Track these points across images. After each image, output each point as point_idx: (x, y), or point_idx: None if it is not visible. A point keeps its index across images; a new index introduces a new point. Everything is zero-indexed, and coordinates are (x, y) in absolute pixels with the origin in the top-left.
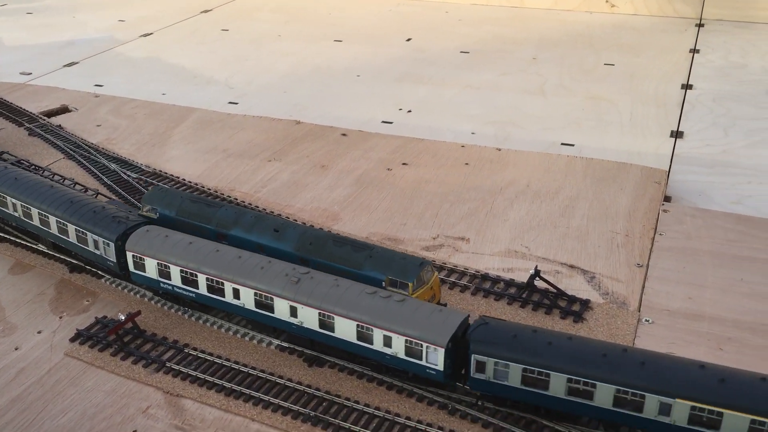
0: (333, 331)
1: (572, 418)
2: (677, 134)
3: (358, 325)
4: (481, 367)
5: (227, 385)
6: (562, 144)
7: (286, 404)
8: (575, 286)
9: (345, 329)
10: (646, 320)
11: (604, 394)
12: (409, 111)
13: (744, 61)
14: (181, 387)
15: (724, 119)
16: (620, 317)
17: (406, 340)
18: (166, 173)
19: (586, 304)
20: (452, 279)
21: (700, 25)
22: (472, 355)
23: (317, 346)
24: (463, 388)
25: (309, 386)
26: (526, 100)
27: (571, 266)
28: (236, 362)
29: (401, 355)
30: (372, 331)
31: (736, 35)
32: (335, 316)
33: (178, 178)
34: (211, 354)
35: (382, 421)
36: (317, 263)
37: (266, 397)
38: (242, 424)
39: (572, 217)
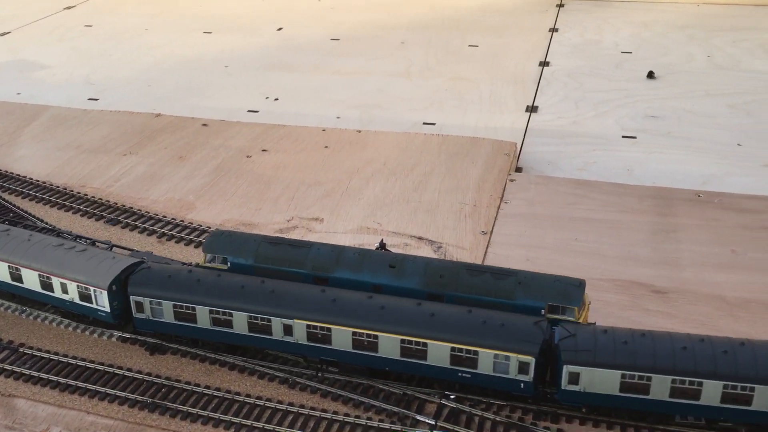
0: (22, 283)
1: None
2: (532, 109)
3: (40, 275)
4: (139, 307)
5: (62, 380)
6: (424, 123)
7: (123, 394)
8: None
9: (30, 280)
10: None
11: (240, 322)
12: (276, 99)
13: (598, 38)
14: (14, 387)
15: (576, 93)
16: None
17: (78, 286)
18: (13, 173)
19: None
20: None
21: (560, 6)
22: (131, 297)
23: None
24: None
25: (149, 374)
26: (393, 83)
27: (420, 238)
28: (74, 357)
29: (77, 300)
30: (51, 279)
31: (593, 14)
32: (22, 268)
33: (26, 177)
34: (48, 351)
35: (221, 401)
36: (454, 298)
37: (102, 389)
38: (76, 418)
39: (425, 191)
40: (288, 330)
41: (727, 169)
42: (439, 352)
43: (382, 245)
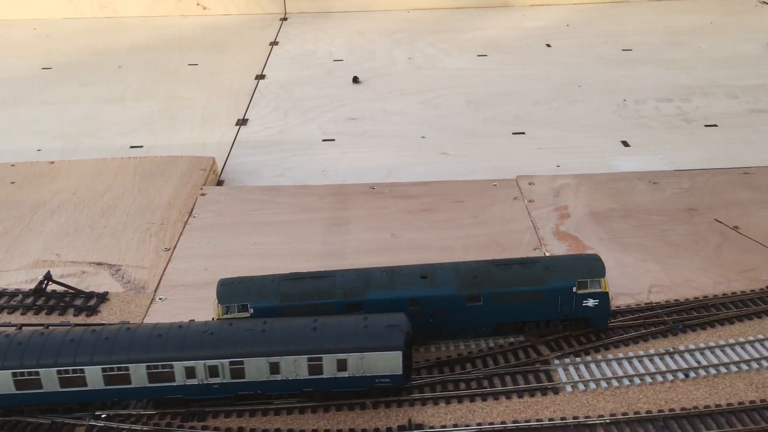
0: None
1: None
2: (242, 122)
3: None
4: None
5: None
6: (131, 147)
7: None
8: (99, 282)
9: None
10: (160, 298)
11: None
12: None
13: (315, 48)
14: None
15: (287, 103)
16: (135, 302)
17: None
18: None
19: (103, 297)
20: None
21: (284, 19)
22: None
23: None
24: None
25: None
26: (104, 109)
27: (99, 264)
28: None
29: None
30: None
31: (313, 25)
32: None
33: None
34: None
35: None
36: (492, 294)
37: None
38: None
39: (112, 216)
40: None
41: (410, 159)
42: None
43: (47, 278)
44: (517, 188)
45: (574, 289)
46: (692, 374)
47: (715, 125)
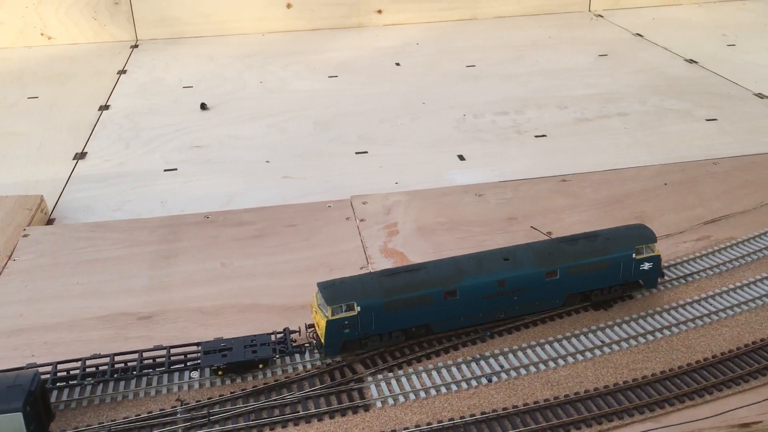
0: None
1: None
2: (80, 156)
3: None
4: None
5: None
6: None
7: None
8: None
9: None
10: None
11: None
12: None
13: (164, 75)
14: None
15: (130, 133)
16: None
17: None
18: None
19: None
20: None
21: (134, 47)
22: None
23: None
24: None
25: None
26: None
27: None
28: None
29: None
30: None
31: (165, 52)
32: None
33: None
34: None
35: None
36: (567, 268)
37: None
38: None
39: None
40: None
41: (252, 185)
42: None
43: None
44: (350, 208)
45: (633, 255)
46: (494, 378)
47: (544, 135)
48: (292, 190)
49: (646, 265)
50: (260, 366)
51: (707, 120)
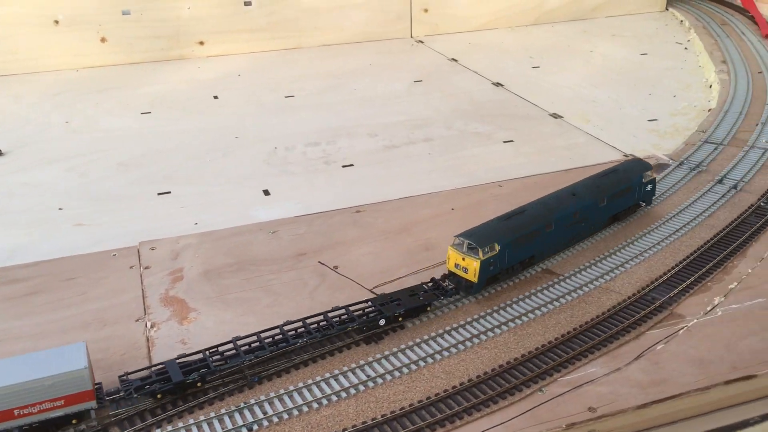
0: None
1: None
2: None
3: None
4: None
5: None
6: None
7: None
8: None
9: None
10: None
11: None
12: None
13: None
14: None
15: None
16: None
17: None
18: None
19: None
20: None
21: None
22: None
23: None
24: None
25: None
26: None
27: None
28: None
29: None
30: None
31: None
32: None
33: None
34: None
35: None
36: (610, 196)
37: None
38: None
39: None
40: None
41: (38, 237)
42: None
43: None
44: (137, 255)
45: (642, 179)
46: (255, 426)
47: (352, 165)
48: (82, 239)
49: (649, 187)
50: (428, 309)
51: (504, 142)
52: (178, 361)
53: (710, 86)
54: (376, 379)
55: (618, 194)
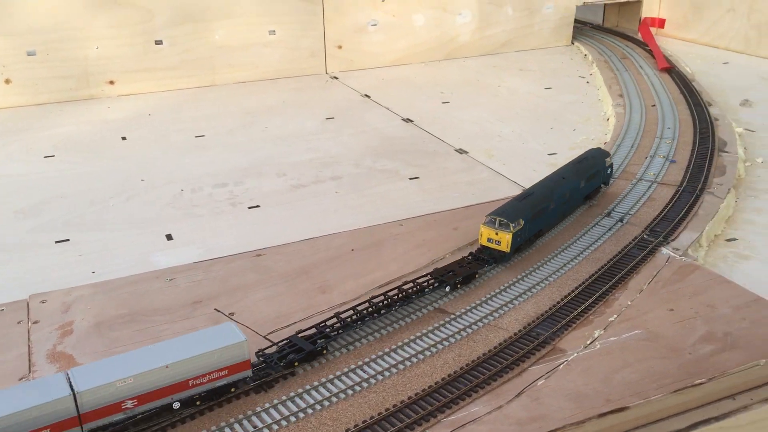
0: None
1: None
2: None
3: None
4: None
5: None
6: None
7: None
8: None
9: None
10: None
11: None
12: None
13: None
14: None
15: None
16: None
17: None
18: None
19: None
20: None
21: None
22: None
23: None
24: None
25: None
26: None
27: None
28: None
29: None
30: None
31: None
32: None
33: None
34: None
35: None
36: (587, 177)
37: None
38: None
39: None
40: None
41: None
42: None
43: None
44: (26, 309)
45: (605, 165)
46: None
47: (258, 206)
48: None
49: (610, 170)
50: (476, 275)
51: (411, 179)
52: (299, 335)
53: (608, 119)
54: (263, 430)
55: (590, 177)
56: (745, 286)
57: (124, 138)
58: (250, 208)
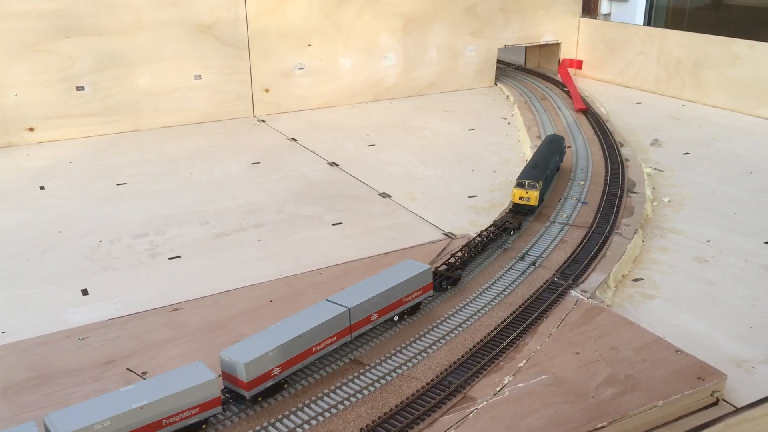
0: None
1: None
2: None
3: None
4: None
5: None
6: None
7: None
8: None
9: None
10: None
11: None
12: None
13: None
14: None
15: None
16: None
17: None
18: None
19: None
20: None
21: None
22: None
23: None
24: None
25: None
26: None
27: None
28: None
29: None
30: None
31: None
32: None
33: None
34: None
35: None
36: (557, 161)
37: None
38: None
39: None
40: None
41: None
42: None
43: None
44: None
45: (563, 148)
46: None
47: (179, 257)
48: None
49: (566, 153)
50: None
51: (333, 224)
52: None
53: (526, 161)
54: None
55: (560, 154)
56: (648, 325)
57: (42, 187)
58: (170, 258)
